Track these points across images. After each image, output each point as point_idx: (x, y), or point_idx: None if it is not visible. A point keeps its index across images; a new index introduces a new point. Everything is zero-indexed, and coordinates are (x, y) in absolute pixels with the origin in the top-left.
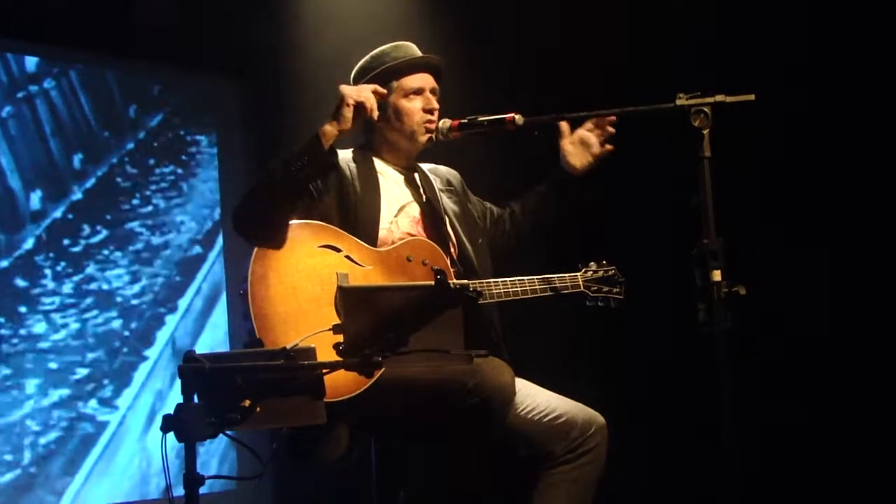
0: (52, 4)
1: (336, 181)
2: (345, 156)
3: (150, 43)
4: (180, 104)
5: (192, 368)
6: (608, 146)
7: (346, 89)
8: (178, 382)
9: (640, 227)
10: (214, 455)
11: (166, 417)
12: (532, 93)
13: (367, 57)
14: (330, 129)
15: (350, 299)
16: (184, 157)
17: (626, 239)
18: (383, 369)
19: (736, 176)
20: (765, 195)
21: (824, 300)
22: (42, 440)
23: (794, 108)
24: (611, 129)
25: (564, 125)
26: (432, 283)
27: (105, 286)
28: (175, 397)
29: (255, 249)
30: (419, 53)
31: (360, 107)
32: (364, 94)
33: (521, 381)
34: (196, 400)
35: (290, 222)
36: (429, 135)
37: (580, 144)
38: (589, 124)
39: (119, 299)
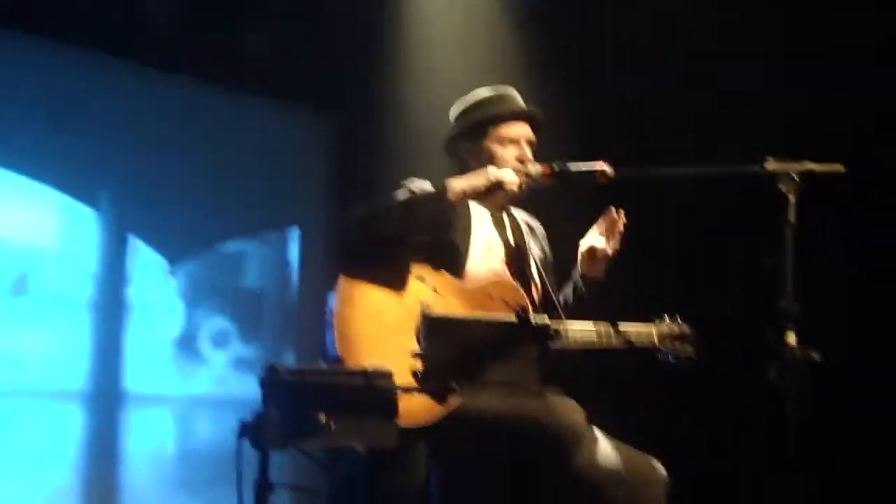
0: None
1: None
2: None
3: (245, 77)
4: (272, 136)
5: (272, 380)
6: (619, 231)
7: (498, 175)
8: None
9: (718, 286)
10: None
11: (243, 424)
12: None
13: (469, 97)
14: (459, 188)
15: (432, 327)
16: (276, 187)
17: (702, 296)
18: (460, 401)
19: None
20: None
21: None
22: None
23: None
24: (620, 230)
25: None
26: (514, 318)
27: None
28: None
29: (344, 272)
30: (519, 100)
31: (498, 186)
32: (512, 182)
33: None
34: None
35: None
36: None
37: (588, 258)
38: (600, 227)
39: None
